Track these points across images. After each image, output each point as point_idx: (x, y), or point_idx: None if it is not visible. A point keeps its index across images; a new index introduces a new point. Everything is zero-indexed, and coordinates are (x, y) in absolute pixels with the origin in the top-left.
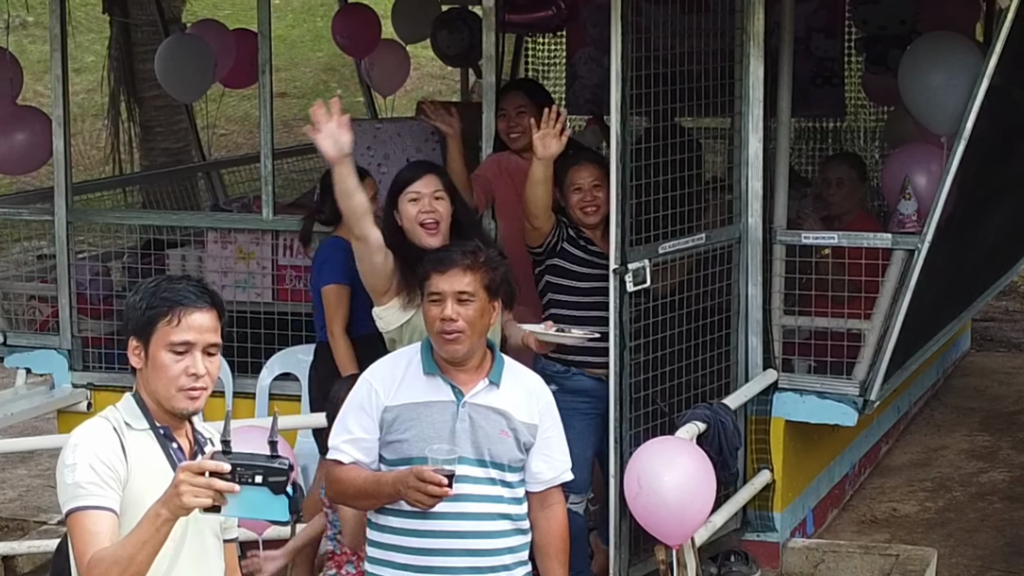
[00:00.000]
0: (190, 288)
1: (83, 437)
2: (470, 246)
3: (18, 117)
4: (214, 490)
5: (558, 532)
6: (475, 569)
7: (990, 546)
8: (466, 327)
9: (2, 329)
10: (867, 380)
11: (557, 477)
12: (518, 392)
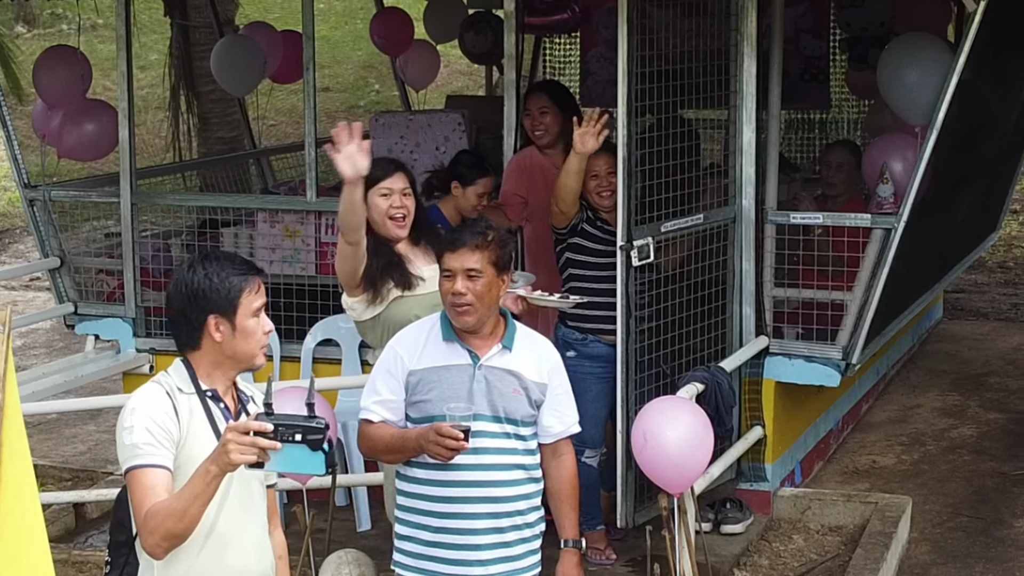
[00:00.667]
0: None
1: (139, 402)
2: (480, 227)
3: (88, 109)
4: (258, 448)
5: (568, 479)
6: (493, 515)
7: (959, 494)
8: (475, 300)
9: (74, 300)
10: (849, 345)
11: (566, 430)
12: (529, 355)
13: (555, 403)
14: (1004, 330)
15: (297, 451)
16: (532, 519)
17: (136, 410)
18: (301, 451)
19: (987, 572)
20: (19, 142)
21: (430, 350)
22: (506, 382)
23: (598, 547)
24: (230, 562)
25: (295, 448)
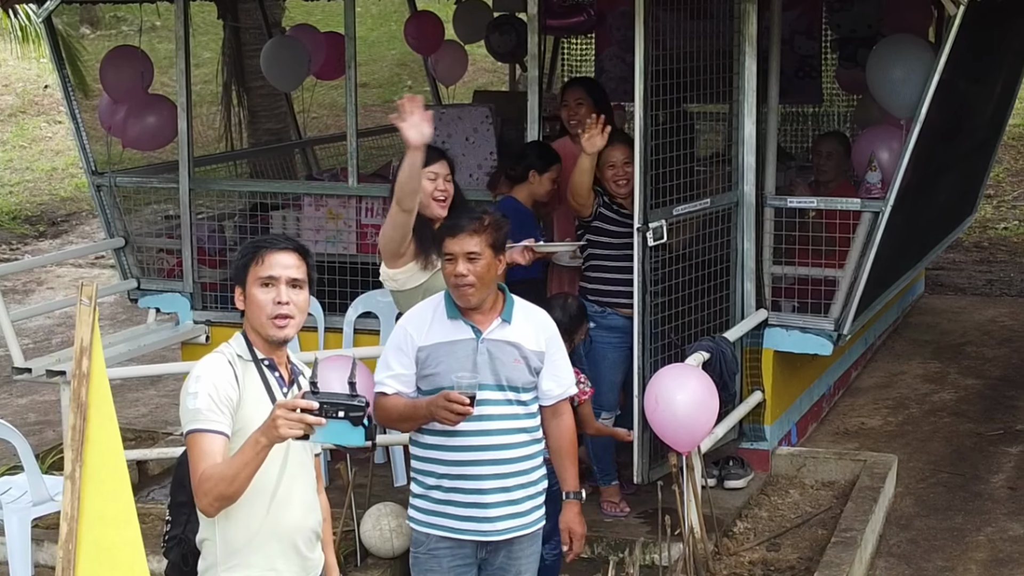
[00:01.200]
0: (276, 237)
1: (204, 370)
2: (476, 212)
3: (149, 104)
4: (304, 423)
5: (568, 436)
6: (499, 475)
7: (940, 453)
8: (475, 280)
9: (136, 276)
10: (840, 318)
11: (564, 392)
12: (527, 326)
13: (553, 368)
14: (980, 304)
15: (340, 426)
16: (536, 477)
17: (201, 378)
18: (343, 426)
19: (966, 523)
20: (86, 133)
21: (436, 327)
22: (507, 353)
23: (613, 500)
24: (286, 520)
25: (338, 423)
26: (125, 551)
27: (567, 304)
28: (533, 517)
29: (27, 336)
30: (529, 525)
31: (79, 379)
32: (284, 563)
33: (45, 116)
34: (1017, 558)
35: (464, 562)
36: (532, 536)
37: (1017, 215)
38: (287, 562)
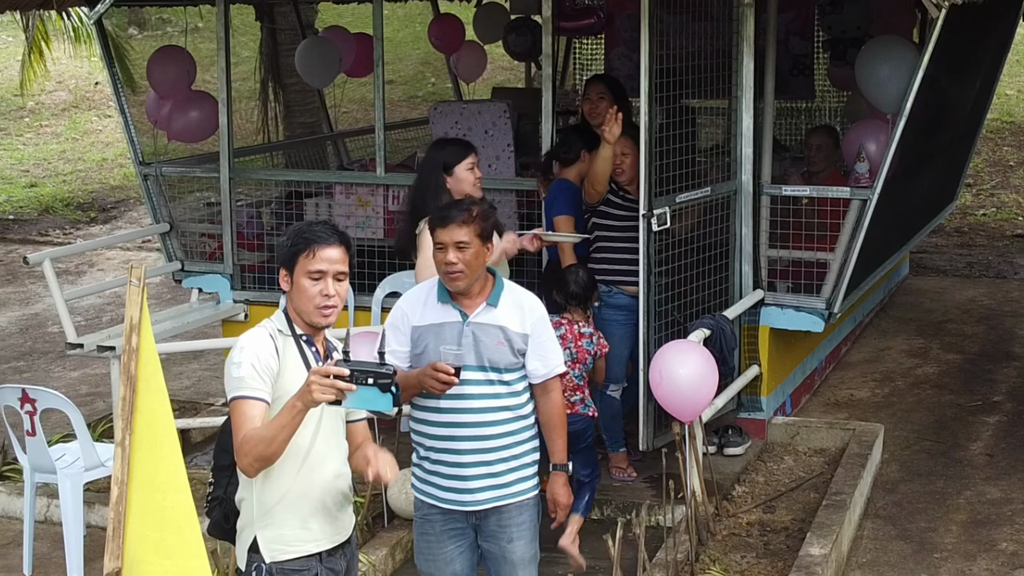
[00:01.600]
0: (324, 229)
1: (248, 342)
2: (466, 204)
3: (193, 99)
4: (336, 389)
5: (556, 412)
6: (480, 450)
7: (923, 422)
8: (464, 268)
9: (180, 259)
10: (831, 297)
11: (550, 372)
12: (513, 309)
13: (539, 350)
14: (960, 285)
15: (369, 392)
16: (520, 451)
17: (245, 348)
18: (372, 392)
19: (947, 487)
20: (134, 126)
21: (429, 310)
22: (491, 335)
23: (621, 466)
24: (317, 482)
25: (367, 390)
26: (175, 514)
27: (578, 276)
28: (516, 488)
29: (79, 314)
30: (512, 496)
31: (129, 354)
32: (315, 522)
33: (96, 111)
34: (995, 519)
35: (455, 527)
36: (520, 505)
37: (995, 203)
38: (318, 521)
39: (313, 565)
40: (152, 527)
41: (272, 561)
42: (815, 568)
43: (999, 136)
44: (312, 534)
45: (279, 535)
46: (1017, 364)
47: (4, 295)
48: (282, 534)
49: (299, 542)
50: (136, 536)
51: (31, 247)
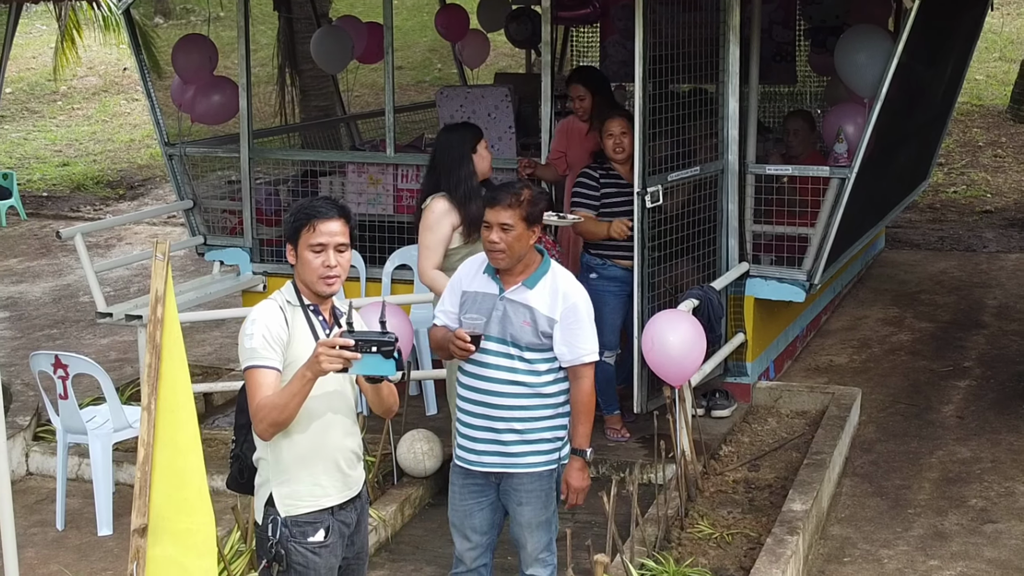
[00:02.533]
0: (324, 204)
1: (259, 314)
2: (517, 187)
3: (215, 84)
4: (343, 358)
5: (581, 399)
6: (488, 416)
7: (898, 386)
8: (506, 248)
9: (203, 233)
10: (812, 269)
11: (577, 358)
12: (547, 293)
13: (567, 336)
14: (933, 257)
15: (373, 359)
16: (534, 427)
17: (256, 321)
18: (376, 359)
19: (920, 447)
20: (160, 109)
21: (478, 278)
22: (519, 313)
23: (615, 427)
24: (328, 443)
25: (371, 357)
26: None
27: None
28: (526, 460)
29: (108, 285)
30: (519, 466)
31: (154, 324)
32: (327, 479)
33: (124, 94)
34: (964, 477)
35: (476, 484)
36: (531, 476)
37: (965, 181)
38: (330, 478)
39: (325, 518)
40: (175, 487)
41: (287, 515)
42: (796, 523)
43: (969, 118)
44: (324, 490)
45: (293, 491)
46: (986, 332)
47: (38, 267)
48: (296, 490)
49: (311, 497)
50: (161, 494)
51: (63, 222)
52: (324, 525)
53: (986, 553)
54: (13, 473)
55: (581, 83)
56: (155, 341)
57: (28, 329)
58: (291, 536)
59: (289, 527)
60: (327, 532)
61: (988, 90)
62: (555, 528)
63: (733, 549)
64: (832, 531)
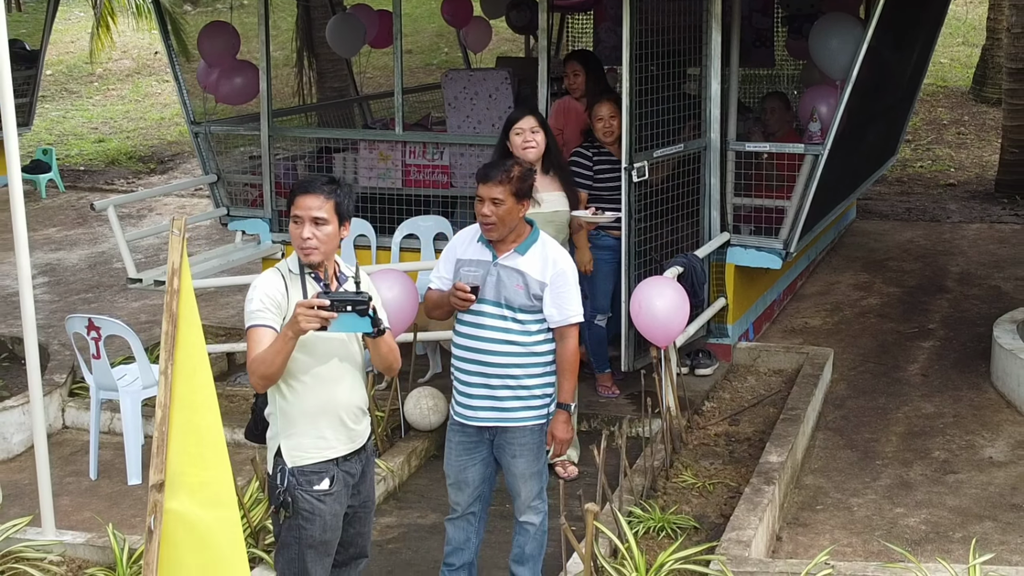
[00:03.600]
0: (310, 181)
1: (260, 282)
2: (507, 164)
3: (237, 67)
4: (320, 317)
5: (567, 357)
6: (483, 374)
7: (867, 347)
8: (496, 221)
9: (227, 205)
10: (788, 239)
11: (565, 319)
12: (538, 259)
13: (557, 299)
14: (900, 227)
15: (349, 318)
16: (526, 383)
17: (257, 288)
18: (352, 318)
19: (888, 403)
20: (187, 91)
21: (472, 247)
22: (512, 278)
23: (606, 385)
24: (333, 398)
25: (347, 316)
26: (209, 431)
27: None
28: (519, 415)
29: (139, 252)
30: (512, 420)
31: (171, 294)
32: (332, 432)
33: (155, 76)
34: (928, 431)
35: (470, 440)
36: (523, 429)
37: (931, 156)
38: (334, 431)
39: (330, 468)
40: (191, 443)
41: (294, 465)
42: (773, 473)
43: (934, 99)
44: (328, 442)
45: (299, 443)
46: (949, 296)
47: (75, 236)
48: (302, 442)
49: (316, 449)
50: (177, 451)
51: (98, 194)
52: (329, 475)
53: (948, 501)
54: (50, 427)
55: (576, 60)
56: (172, 310)
57: (65, 293)
58: (298, 484)
59: (296, 476)
60: (332, 481)
61: (952, 73)
62: (546, 477)
63: (714, 498)
64: (806, 481)
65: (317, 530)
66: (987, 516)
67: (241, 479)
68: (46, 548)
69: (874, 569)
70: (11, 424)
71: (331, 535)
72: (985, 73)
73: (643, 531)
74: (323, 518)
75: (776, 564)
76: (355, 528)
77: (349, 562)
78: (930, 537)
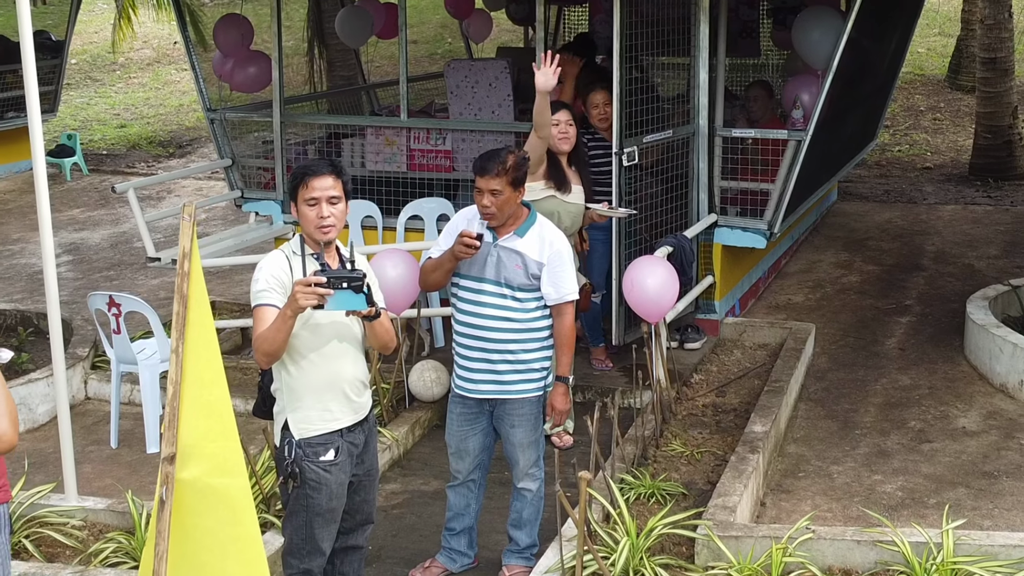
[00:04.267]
0: (316, 163)
1: (266, 263)
2: (502, 155)
3: (251, 57)
4: (316, 294)
5: (564, 332)
6: (484, 349)
7: (847, 322)
8: (495, 211)
9: (241, 187)
10: (772, 220)
11: (561, 297)
12: (535, 241)
13: (553, 278)
14: (879, 208)
15: (344, 294)
16: (524, 357)
17: (263, 268)
18: (347, 294)
19: (866, 375)
20: (204, 79)
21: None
22: (512, 258)
23: (600, 358)
24: (336, 373)
25: (343, 292)
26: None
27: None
28: (517, 387)
29: (158, 232)
30: (511, 392)
31: (181, 276)
32: (336, 405)
33: (175, 65)
34: (904, 402)
35: (471, 411)
36: (522, 401)
37: (908, 141)
38: (338, 404)
39: (335, 439)
40: (202, 417)
41: (300, 437)
42: (757, 442)
43: (912, 86)
44: (332, 415)
45: (305, 416)
46: (925, 274)
47: (98, 216)
48: (307, 415)
49: (321, 421)
50: (188, 425)
51: (120, 177)
52: (334, 446)
53: (923, 469)
54: (73, 398)
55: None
56: (182, 292)
57: (88, 271)
58: (305, 456)
59: (303, 448)
60: (337, 452)
61: (929, 62)
62: (542, 446)
63: (702, 465)
64: (789, 449)
65: (323, 498)
66: (960, 483)
67: (254, 448)
68: (69, 513)
69: (852, 533)
70: (36, 395)
71: (336, 503)
72: (960, 62)
73: (634, 497)
74: (329, 487)
75: (760, 528)
76: (360, 496)
77: (356, 528)
78: (906, 503)
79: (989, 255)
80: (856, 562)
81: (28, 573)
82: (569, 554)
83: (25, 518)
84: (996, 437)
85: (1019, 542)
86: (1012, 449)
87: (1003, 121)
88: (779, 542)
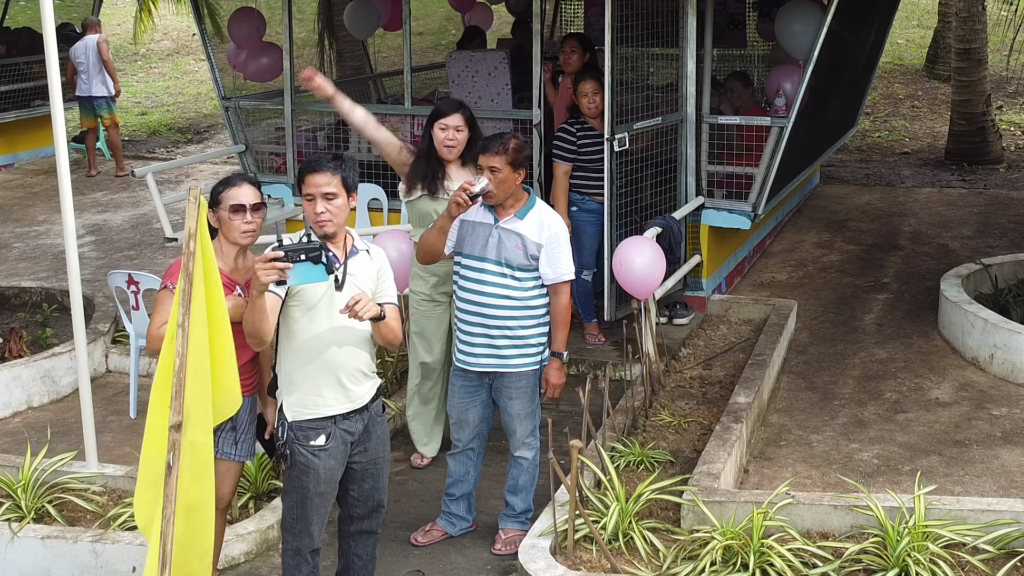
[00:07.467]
0: (318, 160)
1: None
2: (505, 137)
3: (263, 48)
4: (276, 269)
5: (560, 311)
6: (484, 325)
7: (828, 299)
8: (494, 188)
9: (254, 171)
10: (756, 202)
11: (558, 277)
12: (534, 223)
13: (550, 258)
14: (859, 191)
15: (304, 267)
16: (522, 333)
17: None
18: (307, 266)
19: (845, 349)
20: (219, 69)
21: (475, 211)
22: (512, 240)
23: (592, 333)
24: (331, 360)
25: (302, 265)
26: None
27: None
28: (515, 361)
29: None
30: (510, 366)
31: (187, 255)
32: (329, 391)
33: (193, 56)
34: (881, 375)
35: (471, 384)
36: (519, 375)
37: (887, 127)
38: (331, 390)
39: (327, 425)
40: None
41: (293, 420)
42: (741, 413)
43: (891, 75)
44: (325, 400)
45: (298, 400)
46: (902, 253)
47: (120, 199)
48: (301, 399)
49: (314, 406)
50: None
51: (141, 162)
52: (326, 431)
53: (898, 438)
54: (94, 371)
55: (575, 39)
56: (188, 270)
57: (110, 251)
58: (295, 439)
59: (295, 431)
60: (328, 438)
61: (908, 52)
62: (538, 417)
63: (688, 435)
64: (771, 419)
65: (311, 482)
66: (933, 451)
67: None
68: (89, 479)
69: (830, 499)
70: (60, 368)
71: (325, 487)
72: (937, 53)
73: (624, 465)
74: (317, 472)
75: (742, 494)
76: (369, 483)
77: (369, 514)
78: (881, 470)
79: (963, 235)
80: (833, 526)
81: (51, 535)
82: (562, 518)
83: (48, 484)
84: (967, 408)
85: (987, 507)
86: (982, 419)
87: (977, 108)
88: (760, 507)
